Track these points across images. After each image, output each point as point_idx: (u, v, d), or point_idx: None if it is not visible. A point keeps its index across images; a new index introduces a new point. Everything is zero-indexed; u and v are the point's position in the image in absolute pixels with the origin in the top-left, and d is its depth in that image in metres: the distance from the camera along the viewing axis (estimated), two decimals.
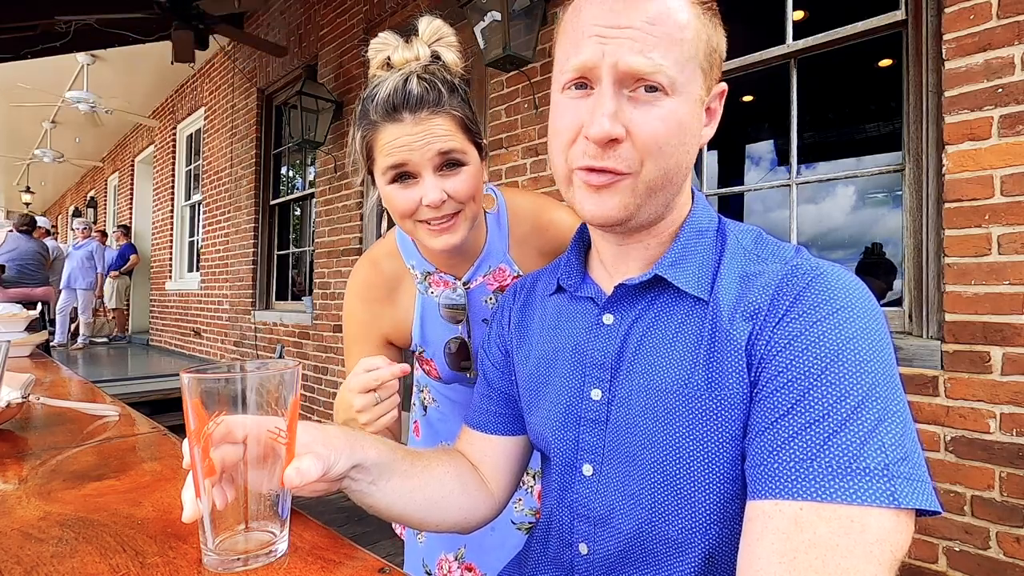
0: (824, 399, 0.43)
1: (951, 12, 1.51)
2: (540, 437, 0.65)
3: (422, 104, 0.70)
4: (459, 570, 0.98)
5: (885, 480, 0.40)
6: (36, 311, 1.94)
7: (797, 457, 0.43)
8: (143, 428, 0.92)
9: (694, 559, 0.52)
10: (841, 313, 0.46)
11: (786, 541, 0.41)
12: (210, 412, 0.43)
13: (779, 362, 0.46)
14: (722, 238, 0.58)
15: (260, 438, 0.44)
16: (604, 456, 0.57)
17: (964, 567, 1.47)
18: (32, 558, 0.46)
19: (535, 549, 0.68)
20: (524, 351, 0.69)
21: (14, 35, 4.27)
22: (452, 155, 0.72)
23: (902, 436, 0.42)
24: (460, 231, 0.75)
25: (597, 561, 0.58)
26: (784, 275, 0.50)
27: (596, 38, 0.50)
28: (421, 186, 0.72)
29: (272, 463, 0.45)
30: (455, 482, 0.66)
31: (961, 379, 1.49)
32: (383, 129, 0.72)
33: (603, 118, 0.49)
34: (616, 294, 0.58)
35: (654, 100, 0.50)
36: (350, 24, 3.76)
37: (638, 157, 0.51)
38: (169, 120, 7.00)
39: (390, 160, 0.72)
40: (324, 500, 3.16)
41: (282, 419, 0.45)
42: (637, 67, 0.48)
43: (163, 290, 7.01)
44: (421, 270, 0.88)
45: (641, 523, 0.54)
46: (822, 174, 2.02)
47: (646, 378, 0.54)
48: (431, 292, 0.88)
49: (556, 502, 0.62)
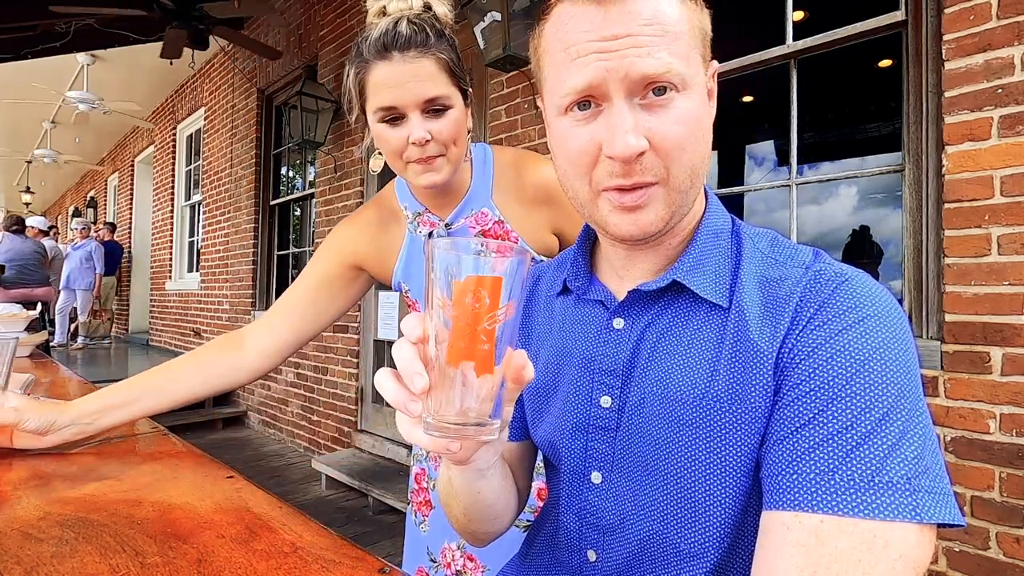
0: (848, 410, 0.42)
1: (951, 12, 1.51)
2: (548, 444, 0.63)
3: (410, 44, 0.76)
4: (462, 559, 0.99)
5: (908, 495, 0.39)
6: (36, 311, 1.94)
7: (819, 468, 0.42)
8: (143, 428, 0.92)
9: (703, 569, 0.51)
10: (867, 322, 0.45)
11: (806, 554, 0.40)
12: (504, 297, 0.38)
13: (802, 370, 0.45)
14: (737, 240, 0.56)
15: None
16: (614, 464, 0.56)
17: (964, 567, 1.47)
18: (32, 558, 0.46)
19: (540, 552, 0.67)
20: (530, 354, 0.66)
21: (14, 35, 4.27)
22: (438, 101, 0.78)
23: (925, 449, 0.41)
24: (443, 171, 0.82)
25: (605, 568, 0.57)
26: (808, 281, 0.49)
27: (595, 55, 0.47)
28: (408, 125, 0.79)
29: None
30: (511, 480, 0.68)
31: (961, 379, 1.49)
32: (374, 67, 0.77)
33: (626, 135, 0.47)
34: (629, 299, 0.57)
35: (667, 102, 0.48)
36: (350, 24, 3.76)
37: (662, 164, 0.49)
38: (169, 120, 7.00)
39: (380, 101, 0.78)
40: (324, 500, 3.17)
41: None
42: (649, 71, 0.47)
43: (163, 290, 7.01)
44: (412, 210, 0.95)
45: (652, 533, 0.53)
46: (822, 174, 2.03)
47: (660, 385, 0.53)
48: (419, 232, 0.95)
49: (564, 508, 0.61)
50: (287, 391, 4.35)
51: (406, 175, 0.84)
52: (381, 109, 0.78)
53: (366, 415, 3.64)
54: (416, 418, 0.40)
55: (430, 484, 1.04)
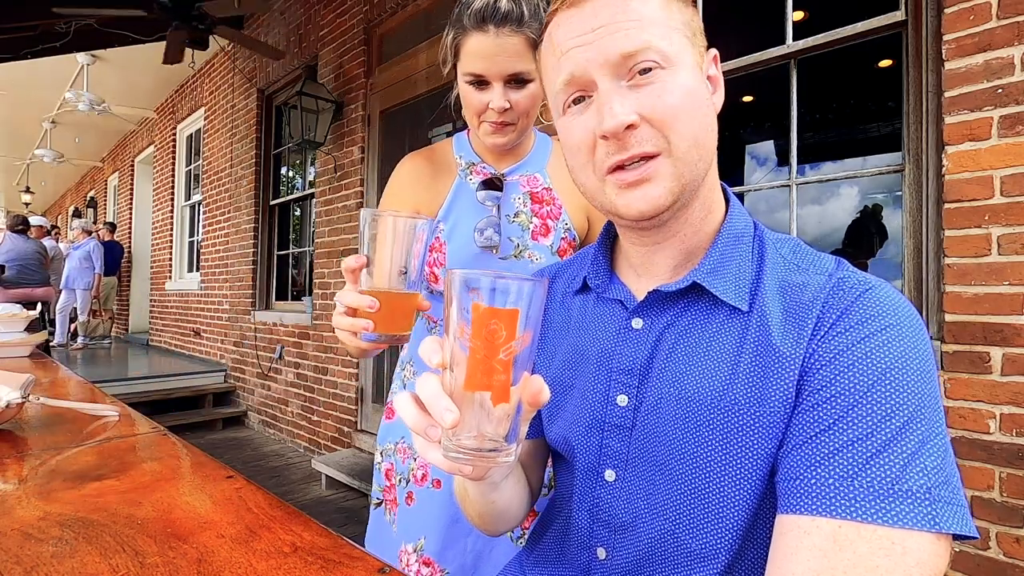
0: (869, 417, 0.42)
1: (951, 12, 1.51)
2: (562, 441, 0.63)
3: (506, 20, 0.84)
4: (416, 563, 0.97)
5: (927, 504, 0.40)
6: (36, 311, 1.94)
7: (838, 474, 0.42)
8: (143, 428, 0.92)
9: (713, 571, 0.51)
10: (890, 331, 0.45)
11: (823, 559, 0.40)
12: (521, 327, 0.39)
13: (823, 375, 0.45)
14: (759, 245, 0.56)
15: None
16: (628, 463, 0.56)
17: (964, 567, 1.47)
18: (32, 558, 0.46)
19: (548, 547, 0.67)
20: (546, 352, 0.67)
21: (14, 35, 4.27)
22: (521, 75, 0.87)
23: (943, 459, 0.42)
24: (509, 136, 0.93)
25: (615, 566, 0.57)
26: (831, 288, 0.49)
27: (576, 49, 0.51)
28: (491, 92, 0.88)
29: None
30: (524, 484, 0.68)
31: (961, 379, 1.49)
32: (470, 36, 0.86)
33: (612, 110, 0.49)
34: (648, 299, 0.57)
35: (655, 79, 0.49)
36: (350, 24, 3.76)
37: (660, 135, 0.50)
38: (169, 120, 7.00)
39: (471, 67, 0.87)
40: (324, 500, 3.18)
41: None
42: (626, 49, 0.48)
43: (163, 290, 7.01)
44: (467, 160, 1.03)
45: (663, 533, 0.53)
46: (822, 174, 2.03)
47: (677, 386, 0.53)
48: (470, 179, 1.02)
49: (576, 505, 0.61)
50: (287, 391, 4.35)
51: (478, 131, 0.94)
52: (471, 74, 0.88)
53: (366, 415, 3.64)
54: (435, 442, 0.41)
55: (397, 479, 1.04)
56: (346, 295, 0.66)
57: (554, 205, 1.01)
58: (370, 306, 0.63)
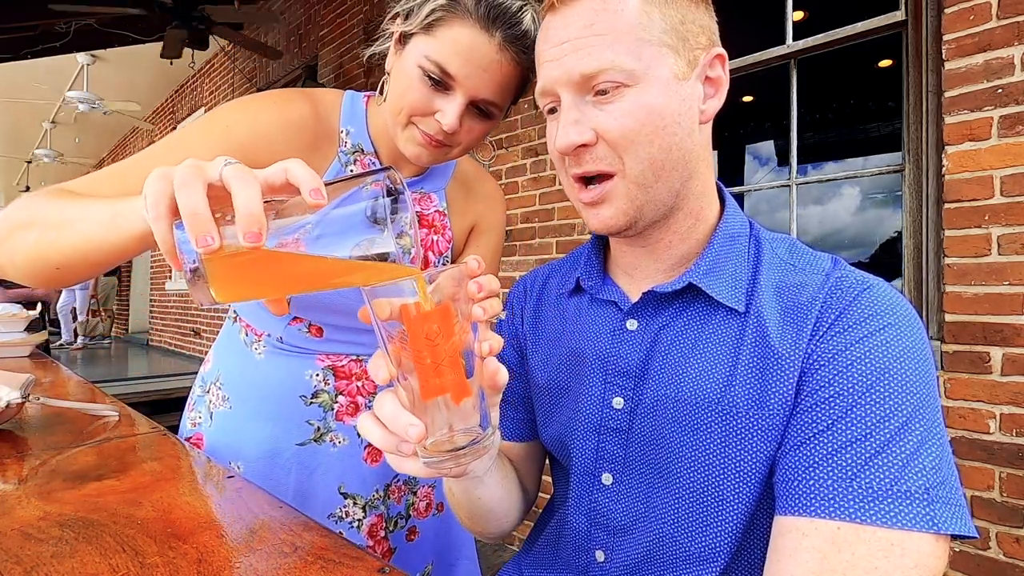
0: (868, 418, 0.42)
1: (951, 12, 1.51)
2: (558, 444, 0.63)
3: (518, 40, 0.65)
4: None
5: (926, 504, 0.40)
6: (36, 311, 1.94)
7: (837, 475, 0.42)
8: (143, 428, 0.92)
9: (711, 572, 0.51)
10: (888, 331, 0.45)
11: (822, 560, 0.40)
12: (457, 320, 0.38)
13: (822, 376, 0.45)
14: (756, 245, 0.56)
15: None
16: (625, 466, 0.55)
17: (964, 567, 1.47)
18: (32, 558, 0.46)
19: (543, 550, 0.66)
20: (541, 354, 0.66)
21: (14, 35, 4.27)
22: (491, 105, 0.69)
23: (941, 459, 0.42)
24: (438, 157, 0.73)
25: (613, 569, 0.57)
26: (830, 288, 0.49)
27: (547, 63, 0.52)
28: (448, 101, 0.67)
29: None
30: (514, 483, 0.67)
31: (961, 379, 1.49)
32: (464, 23, 0.64)
33: (565, 129, 0.50)
34: (643, 300, 0.56)
35: (616, 97, 0.49)
36: (350, 24, 3.76)
37: (616, 155, 0.50)
38: (169, 120, 7.00)
39: (441, 58, 0.65)
40: None
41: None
42: (585, 71, 0.49)
43: (163, 290, 7.01)
44: (355, 141, 0.79)
45: (662, 535, 0.53)
46: (823, 174, 2.03)
47: (674, 388, 0.52)
48: (350, 168, 0.80)
49: (573, 508, 0.61)
50: None
51: (399, 132, 0.71)
52: (436, 65, 0.65)
53: None
54: (409, 455, 0.41)
55: None
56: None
57: (443, 236, 0.86)
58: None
